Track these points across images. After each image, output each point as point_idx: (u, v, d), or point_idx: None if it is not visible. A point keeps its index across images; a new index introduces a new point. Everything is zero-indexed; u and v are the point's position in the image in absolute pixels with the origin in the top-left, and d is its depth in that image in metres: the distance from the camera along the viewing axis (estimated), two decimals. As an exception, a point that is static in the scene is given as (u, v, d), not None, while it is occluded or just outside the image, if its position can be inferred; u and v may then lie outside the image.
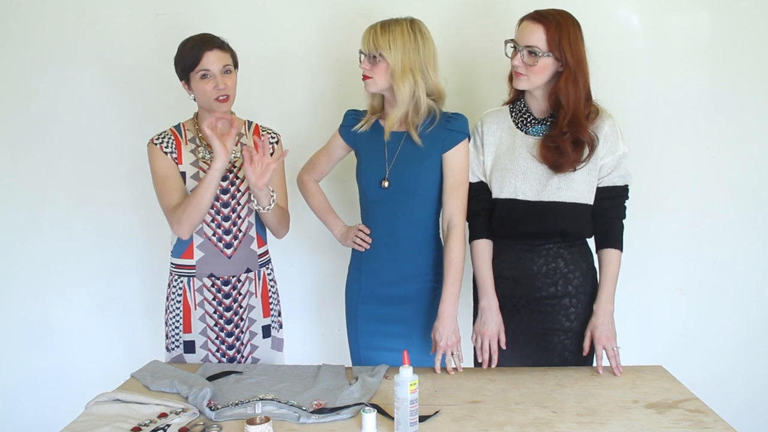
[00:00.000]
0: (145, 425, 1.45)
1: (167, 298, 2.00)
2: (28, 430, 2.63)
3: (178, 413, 1.50)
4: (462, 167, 1.86)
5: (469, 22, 2.34)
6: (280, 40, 2.41)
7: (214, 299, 1.94)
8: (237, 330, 1.97)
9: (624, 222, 1.85)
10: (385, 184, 1.87)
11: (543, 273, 1.83)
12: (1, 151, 2.52)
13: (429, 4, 2.21)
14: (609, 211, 1.83)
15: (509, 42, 1.78)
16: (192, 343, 1.95)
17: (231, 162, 1.93)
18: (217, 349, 1.96)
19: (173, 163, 1.89)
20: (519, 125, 1.86)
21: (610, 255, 1.81)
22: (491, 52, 2.11)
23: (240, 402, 1.56)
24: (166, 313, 2.00)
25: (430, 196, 1.89)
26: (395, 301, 1.92)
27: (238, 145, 1.94)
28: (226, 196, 1.91)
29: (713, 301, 2.49)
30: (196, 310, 1.94)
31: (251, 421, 1.37)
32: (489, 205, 1.87)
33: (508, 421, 1.49)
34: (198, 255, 1.92)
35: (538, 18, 1.73)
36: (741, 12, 2.31)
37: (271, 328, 2.06)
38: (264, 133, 2.01)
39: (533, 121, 1.85)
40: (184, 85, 1.87)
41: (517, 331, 1.86)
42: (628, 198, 1.85)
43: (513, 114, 1.88)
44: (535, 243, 1.83)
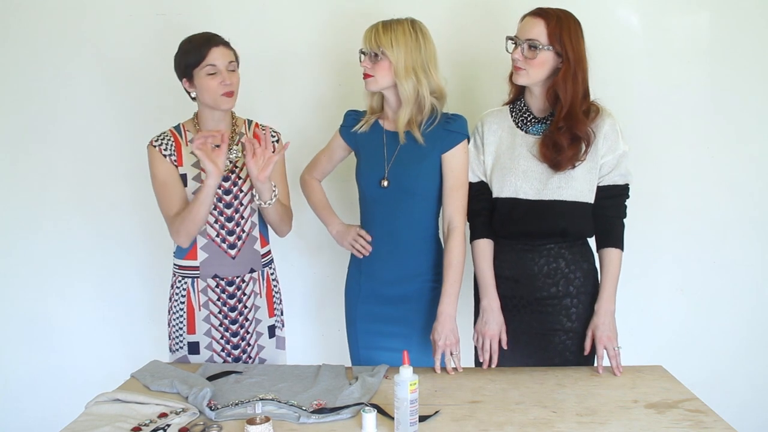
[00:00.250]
0: (145, 425, 1.45)
1: (170, 299, 2.00)
2: (28, 430, 2.63)
3: (178, 413, 1.50)
4: (461, 168, 1.86)
5: (470, 22, 2.34)
6: (280, 40, 2.41)
7: (219, 300, 1.94)
8: (242, 330, 1.97)
9: (625, 221, 1.85)
10: (385, 184, 1.87)
11: (544, 273, 1.83)
12: (1, 151, 2.53)
13: (429, 5, 2.22)
14: (610, 210, 1.83)
15: (510, 38, 1.79)
16: (196, 344, 1.95)
17: (232, 162, 1.93)
18: (222, 349, 1.96)
19: (173, 167, 1.88)
20: (519, 125, 1.86)
21: (611, 254, 1.81)
22: (491, 52, 2.12)
23: (240, 402, 1.56)
24: (169, 314, 2.00)
25: (429, 195, 1.89)
26: (395, 300, 1.92)
27: (238, 145, 1.94)
28: (228, 197, 1.91)
29: (713, 301, 2.49)
30: (200, 311, 1.94)
31: (251, 421, 1.37)
32: (489, 205, 1.87)
33: (508, 421, 1.49)
34: (202, 256, 1.92)
35: (539, 13, 1.75)
36: (741, 12, 2.31)
37: (276, 328, 2.06)
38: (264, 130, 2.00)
39: (533, 120, 1.85)
40: (185, 83, 1.85)
41: (518, 331, 1.86)
42: (628, 197, 1.85)
43: (513, 114, 1.88)
44: (536, 243, 1.83)
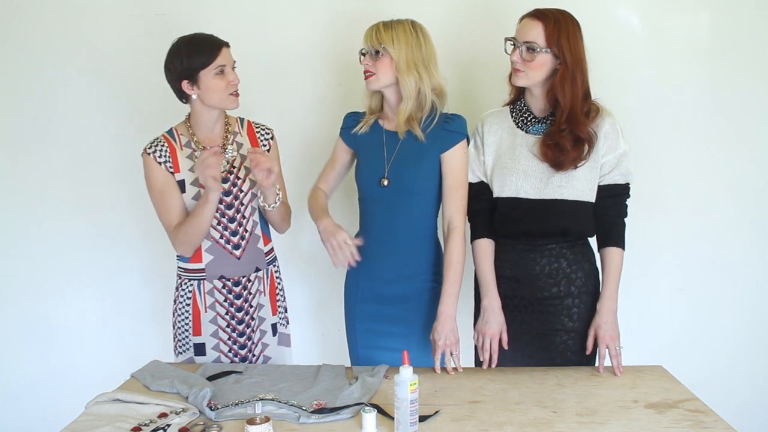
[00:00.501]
0: (145, 425, 1.45)
1: (174, 301, 1.99)
2: (28, 430, 2.63)
3: (178, 413, 1.50)
4: (461, 168, 1.86)
5: (470, 22, 2.34)
6: (280, 40, 2.40)
7: (225, 300, 1.94)
8: (249, 330, 1.97)
9: (625, 221, 1.85)
10: (384, 183, 1.87)
11: (545, 273, 1.83)
12: (1, 151, 2.52)
13: (429, 5, 2.22)
14: (610, 210, 1.83)
15: (509, 40, 1.79)
16: (202, 345, 1.94)
17: (229, 162, 1.92)
18: (230, 350, 1.96)
19: (169, 175, 1.88)
20: (519, 125, 1.86)
21: (613, 253, 1.81)
22: (491, 52, 2.11)
23: (240, 402, 1.56)
24: (174, 316, 1.99)
25: (429, 195, 1.89)
26: (394, 300, 1.92)
27: (233, 144, 1.94)
28: (229, 198, 1.91)
29: (713, 301, 2.49)
30: (206, 312, 1.93)
31: (251, 421, 1.37)
32: (490, 205, 1.87)
33: (508, 421, 1.49)
34: (207, 258, 1.92)
35: (537, 15, 1.74)
36: (741, 12, 2.31)
37: (279, 325, 2.06)
38: (257, 129, 2.00)
39: (533, 120, 1.85)
40: (185, 84, 1.81)
41: (519, 331, 1.86)
42: (629, 196, 1.85)
43: (513, 114, 1.88)
44: (537, 243, 1.83)
